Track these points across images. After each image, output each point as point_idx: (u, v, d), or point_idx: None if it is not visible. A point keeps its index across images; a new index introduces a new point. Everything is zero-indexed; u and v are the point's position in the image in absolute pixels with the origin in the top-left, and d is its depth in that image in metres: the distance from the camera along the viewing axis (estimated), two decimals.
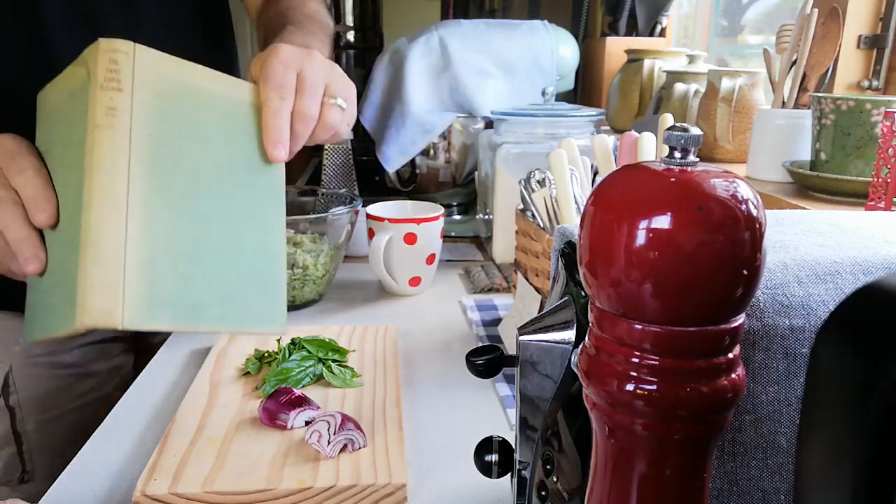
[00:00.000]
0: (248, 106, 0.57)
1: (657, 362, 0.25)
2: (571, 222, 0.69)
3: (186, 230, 0.50)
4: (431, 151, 1.50)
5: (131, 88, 0.49)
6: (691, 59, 1.30)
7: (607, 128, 1.48)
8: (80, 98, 0.49)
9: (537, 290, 0.74)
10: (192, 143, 0.52)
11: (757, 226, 0.24)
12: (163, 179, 0.49)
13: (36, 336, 0.52)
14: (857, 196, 0.78)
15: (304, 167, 1.85)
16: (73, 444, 0.60)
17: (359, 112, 1.41)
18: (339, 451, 0.54)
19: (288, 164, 0.58)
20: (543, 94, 1.12)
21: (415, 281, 0.96)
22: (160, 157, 0.50)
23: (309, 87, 0.58)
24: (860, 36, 0.93)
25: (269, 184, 0.57)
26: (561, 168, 0.70)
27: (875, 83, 0.94)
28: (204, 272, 0.51)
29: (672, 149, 0.26)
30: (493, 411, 0.67)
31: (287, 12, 0.81)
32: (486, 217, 1.13)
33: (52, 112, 0.55)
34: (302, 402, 0.59)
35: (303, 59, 0.59)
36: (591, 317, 0.28)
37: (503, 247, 1.07)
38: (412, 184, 1.43)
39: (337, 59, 1.97)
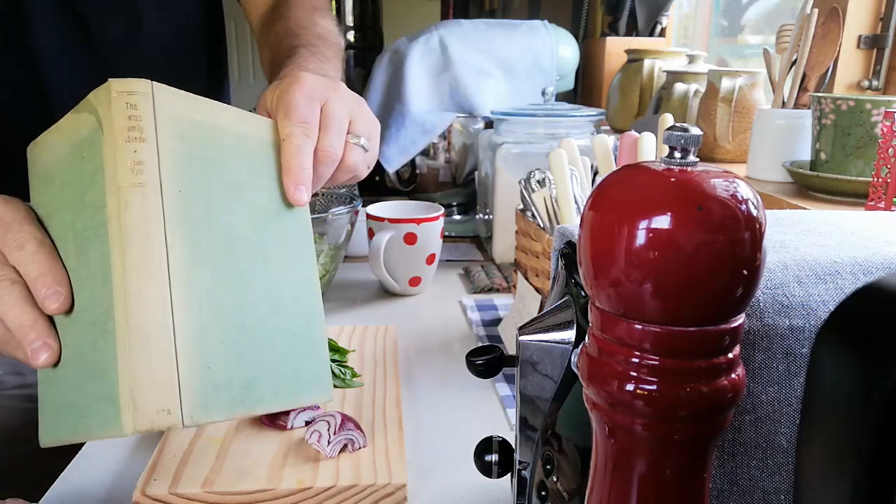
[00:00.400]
0: (269, 144, 0.50)
1: (657, 362, 0.25)
2: (571, 222, 0.69)
3: (229, 295, 0.43)
4: (431, 151, 1.50)
5: (155, 136, 0.42)
6: (691, 59, 1.30)
7: (607, 128, 1.48)
8: (90, 152, 0.43)
9: (537, 290, 0.74)
10: (221, 192, 0.45)
11: (757, 226, 0.24)
12: (199, 239, 0.43)
13: (62, 436, 0.43)
14: (857, 196, 0.78)
15: None
16: (50, 475, 0.57)
17: None
18: (339, 451, 0.54)
19: None
20: (543, 94, 1.12)
21: (415, 281, 0.96)
22: (193, 212, 0.43)
23: (334, 124, 0.52)
24: (860, 36, 0.93)
25: (297, 231, 0.50)
26: (561, 168, 0.70)
27: (875, 83, 0.94)
28: (251, 342, 0.44)
29: (672, 149, 0.26)
30: (493, 411, 0.67)
31: (298, 31, 0.73)
32: (486, 217, 1.13)
33: (52, 168, 0.47)
34: None
35: (327, 90, 0.54)
36: (590, 317, 0.28)
37: (503, 247, 1.07)
38: (412, 184, 1.43)
39: None
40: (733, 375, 0.26)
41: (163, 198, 0.41)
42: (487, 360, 0.43)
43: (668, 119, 0.73)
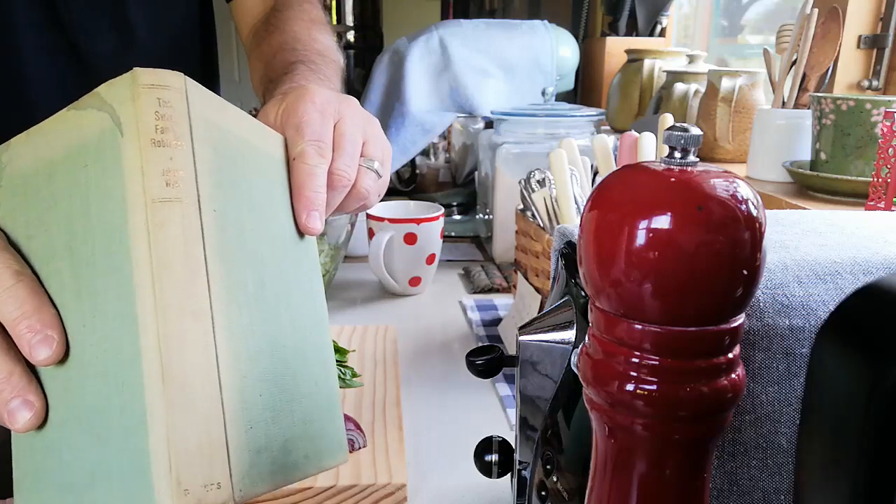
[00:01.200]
0: (281, 163, 0.43)
1: (657, 362, 0.25)
2: (571, 222, 0.69)
3: (261, 340, 0.36)
4: (431, 151, 1.50)
5: (191, 141, 0.34)
6: (691, 59, 1.30)
7: (607, 128, 1.48)
8: (100, 157, 0.34)
9: (537, 290, 0.74)
10: (249, 216, 0.38)
11: (757, 226, 0.24)
12: (234, 271, 0.35)
13: None
14: (857, 196, 0.78)
15: None
16: None
17: None
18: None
19: None
20: (543, 94, 1.12)
21: (415, 281, 0.96)
22: (228, 238, 0.35)
23: (347, 144, 0.47)
24: (860, 36, 0.93)
25: (310, 265, 0.43)
26: (561, 168, 0.70)
27: (875, 83, 0.94)
28: (285, 396, 0.37)
29: (672, 149, 0.26)
30: (493, 411, 0.67)
31: (295, 46, 0.67)
32: (486, 217, 1.13)
33: (34, 178, 0.37)
34: None
35: (340, 107, 0.49)
36: (590, 317, 0.28)
37: (503, 247, 1.07)
38: (412, 184, 1.43)
39: None
40: (733, 375, 0.26)
41: (201, 217, 0.34)
42: (487, 360, 0.43)
43: (668, 119, 0.73)
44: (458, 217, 1.33)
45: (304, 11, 0.75)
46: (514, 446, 0.44)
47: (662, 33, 1.61)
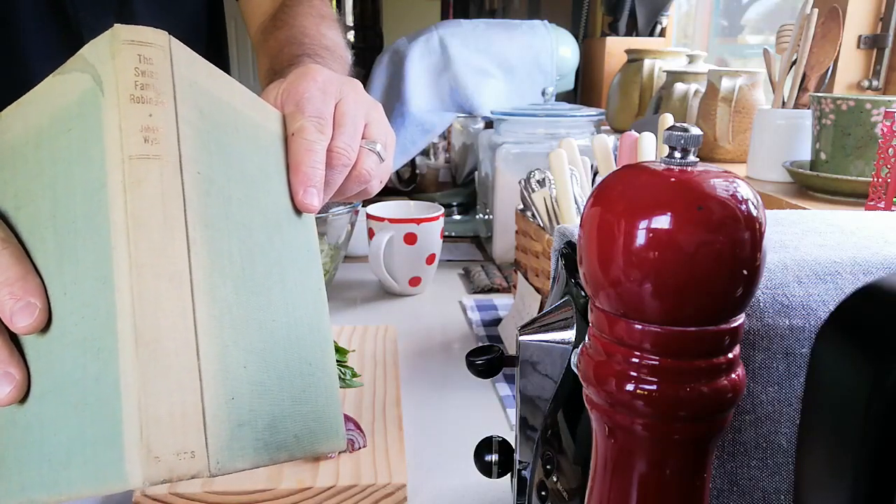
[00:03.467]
0: (278, 139, 0.42)
1: (657, 362, 0.25)
2: (571, 222, 0.69)
3: (249, 312, 0.34)
4: (431, 151, 1.50)
5: (174, 100, 0.33)
6: (691, 59, 1.30)
7: (607, 128, 1.48)
8: (82, 120, 0.33)
9: (537, 290, 0.74)
10: (238, 187, 0.36)
11: (757, 226, 0.24)
12: (219, 239, 0.33)
13: (34, 497, 0.32)
14: (857, 196, 0.78)
15: None
16: None
17: None
18: (339, 451, 0.54)
19: None
20: (543, 94, 1.12)
21: (415, 281, 0.96)
22: (213, 205, 0.33)
23: (349, 123, 0.45)
24: (860, 36, 0.93)
25: (308, 245, 0.42)
26: (561, 168, 0.70)
27: (875, 83, 0.94)
28: (273, 372, 0.35)
29: (672, 149, 0.26)
30: (493, 411, 0.67)
31: (303, 40, 0.66)
32: (486, 217, 1.13)
33: (22, 148, 0.36)
34: None
35: (343, 86, 0.48)
36: (590, 317, 0.28)
37: (503, 247, 1.07)
38: (412, 184, 1.43)
39: None
40: (733, 375, 0.26)
41: (182, 177, 0.32)
42: (487, 360, 0.43)
43: (668, 119, 0.73)
44: (458, 217, 1.33)
45: (313, 7, 0.75)
46: (514, 446, 0.44)
47: (662, 33, 1.61)
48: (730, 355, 0.26)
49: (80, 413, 0.30)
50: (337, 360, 0.69)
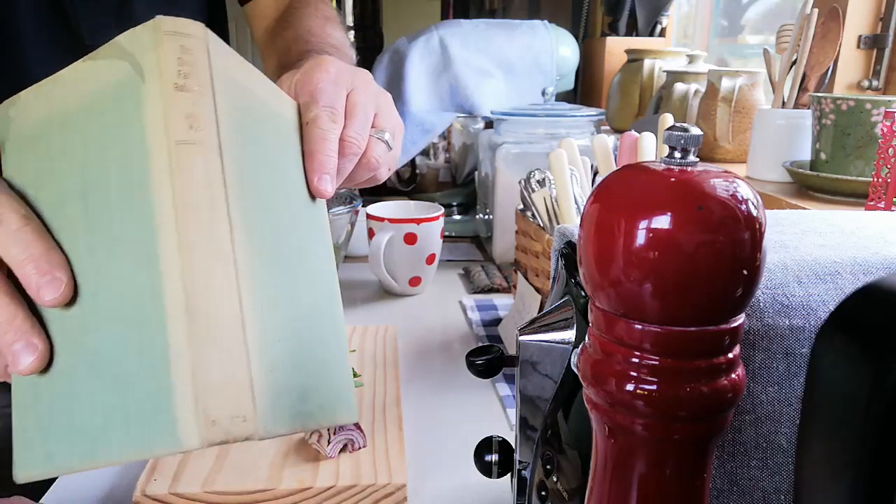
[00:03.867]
0: (294, 127, 0.44)
1: (657, 362, 0.25)
2: (571, 222, 0.69)
3: (280, 290, 0.37)
4: (431, 151, 1.50)
5: (212, 90, 0.35)
6: (691, 59, 1.30)
7: (607, 128, 1.48)
8: (118, 104, 0.35)
9: (537, 290, 0.74)
10: (266, 173, 0.38)
11: (757, 226, 0.24)
12: (253, 222, 0.35)
13: (61, 464, 0.34)
14: (857, 196, 0.78)
15: None
16: None
17: None
18: (339, 451, 0.54)
19: None
20: (543, 94, 1.12)
21: (415, 281, 0.96)
22: (247, 189, 0.35)
23: (359, 113, 0.47)
24: (860, 36, 0.93)
25: (321, 227, 0.44)
26: (561, 168, 0.70)
27: (875, 83, 0.94)
28: (301, 347, 0.37)
29: (672, 149, 0.26)
30: (493, 411, 0.67)
31: (309, 38, 0.68)
32: (486, 217, 1.13)
33: (47, 129, 0.38)
34: None
35: (354, 77, 0.50)
36: (590, 317, 0.28)
37: (503, 247, 1.07)
38: (412, 184, 1.43)
39: None
40: (733, 375, 0.26)
41: (223, 163, 0.34)
42: (487, 360, 0.43)
43: (668, 119, 0.73)
44: (458, 217, 1.33)
45: (318, 10, 0.77)
46: (514, 446, 0.44)
47: (662, 33, 1.61)
48: (730, 355, 0.26)
49: (119, 385, 0.32)
50: None
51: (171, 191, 0.32)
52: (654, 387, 0.25)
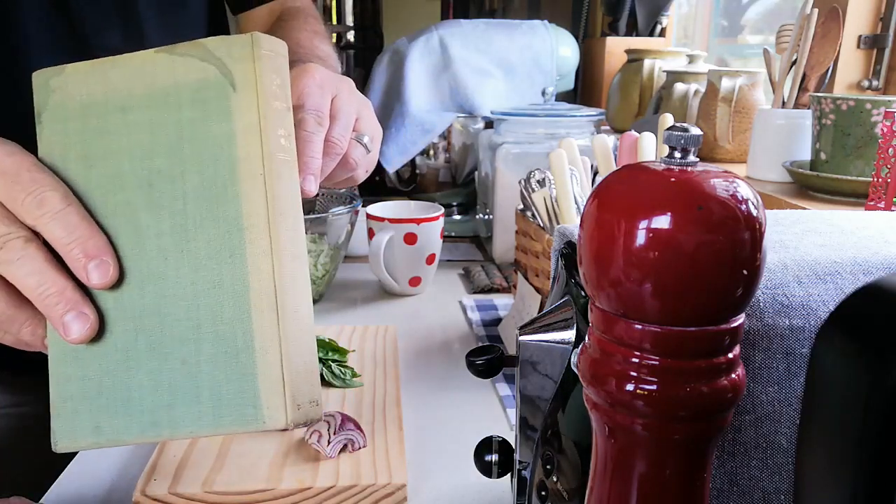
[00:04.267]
0: None
1: (657, 362, 0.25)
2: (571, 222, 0.69)
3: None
4: (431, 151, 1.50)
5: (290, 107, 0.39)
6: (691, 59, 1.30)
7: (607, 128, 1.48)
8: (204, 105, 0.37)
9: (537, 290, 0.74)
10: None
11: (757, 226, 0.24)
12: (301, 228, 0.41)
13: (113, 437, 0.37)
14: (857, 196, 0.78)
15: None
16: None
17: None
18: (339, 451, 0.54)
19: None
20: (543, 94, 1.12)
21: (415, 281, 0.96)
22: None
23: (343, 117, 0.51)
24: (860, 36, 0.93)
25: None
26: (561, 168, 0.70)
27: (875, 83, 0.94)
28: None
29: (672, 149, 0.26)
30: (493, 411, 0.67)
31: (297, 50, 0.70)
32: (486, 217, 1.13)
33: (97, 108, 0.38)
34: None
35: (337, 84, 0.53)
36: (590, 317, 0.28)
37: (503, 247, 1.07)
38: (412, 184, 1.43)
39: None
40: (733, 375, 0.26)
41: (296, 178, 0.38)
42: (487, 360, 0.43)
43: (668, 119, 0.73)
44: (458, 217, 1.33)
45: (308, 24, 0.80)
46: (514, 446, 0.44)
47: (662, 33, 1.61)
48: (730, 355, 0.26)
49: (188, 366, 0.36)
50: (337, 360, 0.69)
51: (264, 198, 0.36)
52: (654, 387, 0.25)
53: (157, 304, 0.37)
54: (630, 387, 0.26)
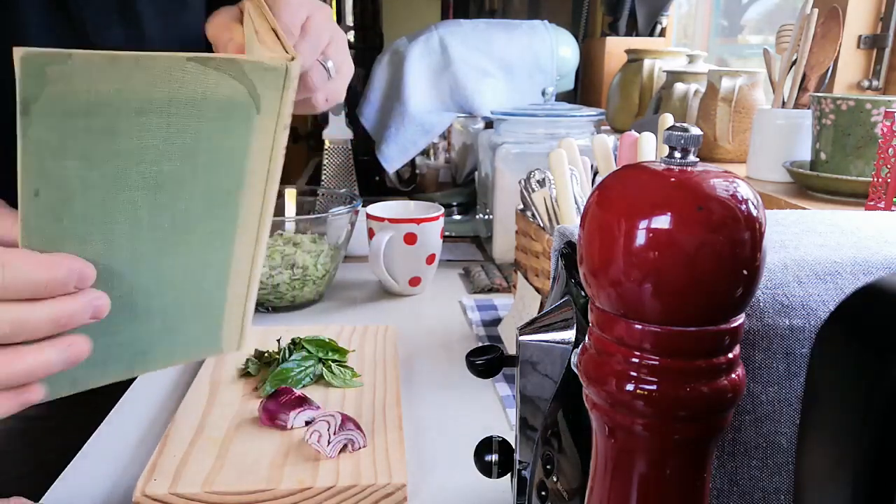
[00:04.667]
0: None
1: (657, 362, 0.25)
2: (571, 222, 0.69)
3: None
4: (431, 151, 1.50)
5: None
6: (691, 59, 1.30)
7: (607, 128, 1.48)
8: (227, 122, 0.39)
9: (537, 290, 0.74)
10: None
11: (757, 226, 0.24)
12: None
13: (99, 382, 0.42)
14: (857, 196, 0.78)
15: (304, 167, 1.85)
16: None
17: (359, 112, 1.41)
18: (339, 451, 0.54)
19: (287, 164, 0.56)
20: (543, 94, 1.12)
21: (415, 281, 0.96)
22: None
23: (311, 36, 0.51)
24: (860, 36, 0.93)
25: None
26: (561, 168, 0.70)
27: (875, 83, 0.94)
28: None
29: (672, 149, 0.26)
30: (493, 411, 0.67)
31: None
32: (486, 217, 1.13)
33: (107, 107, 0.36)
34: (302, 402, 0.59)
35: (315, 8, 0.52)
36: (591, 317, 0.28)
37: (503, 247, 1.07)
38: (412, 184, 1.43)
39: None
40: (733, 375, 0.26)
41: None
42: (487, 360, 0.43)
43: (668, 119, 0.73)
44: (458, 217, 1.33)
45: None
46: (514, 446, 0.44)
47: (662, 33, 1.61)
48: (730, 355, 0.26)
49: (168, 325, 0.43)
50: (337, 360, 0.69)
51: (260, 210, 0.43)
52: (654, 387, 0.25)
53: (146, 283, 0.41)
54: (630, 387, 0.26)
